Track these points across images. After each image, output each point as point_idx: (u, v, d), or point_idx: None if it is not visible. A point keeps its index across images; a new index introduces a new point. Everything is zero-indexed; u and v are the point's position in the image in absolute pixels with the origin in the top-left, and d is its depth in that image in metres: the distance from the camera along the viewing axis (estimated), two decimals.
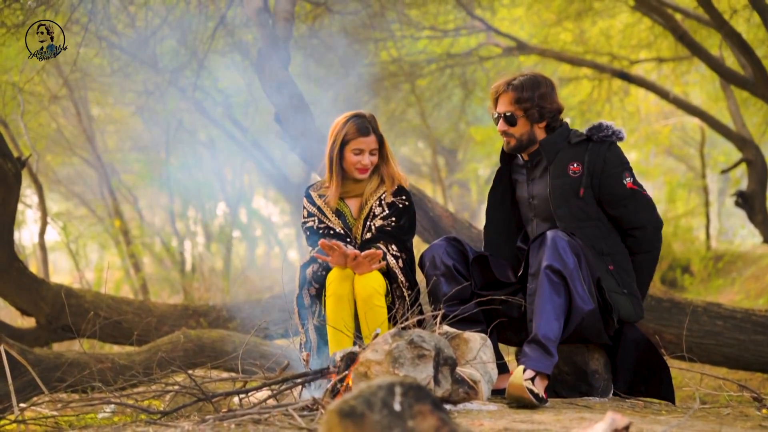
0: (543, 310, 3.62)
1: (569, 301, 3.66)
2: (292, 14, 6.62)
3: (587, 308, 3.67)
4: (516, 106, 4.09)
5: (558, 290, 3.64)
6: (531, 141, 4.14)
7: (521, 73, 4.16)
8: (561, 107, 4.13)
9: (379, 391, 2.28)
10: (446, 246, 4.08)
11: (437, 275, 4.02)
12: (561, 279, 3.64)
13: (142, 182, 14.28)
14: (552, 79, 4.19)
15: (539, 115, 4.08)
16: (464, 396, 3.42)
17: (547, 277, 3.64)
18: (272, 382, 3.71)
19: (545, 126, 4.12)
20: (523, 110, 4.08)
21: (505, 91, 4.13)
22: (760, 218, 9.70)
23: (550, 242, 3.69)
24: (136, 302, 7.28)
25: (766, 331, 6.03)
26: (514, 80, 4.12)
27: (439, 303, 3.95)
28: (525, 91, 4.06)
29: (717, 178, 18.22)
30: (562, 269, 3.63)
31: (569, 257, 3.67)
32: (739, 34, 8.58)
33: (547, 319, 3.62)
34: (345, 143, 4.17)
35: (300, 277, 4.12)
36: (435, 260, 4.04)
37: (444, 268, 4.02)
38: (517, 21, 12.27)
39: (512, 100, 4.09)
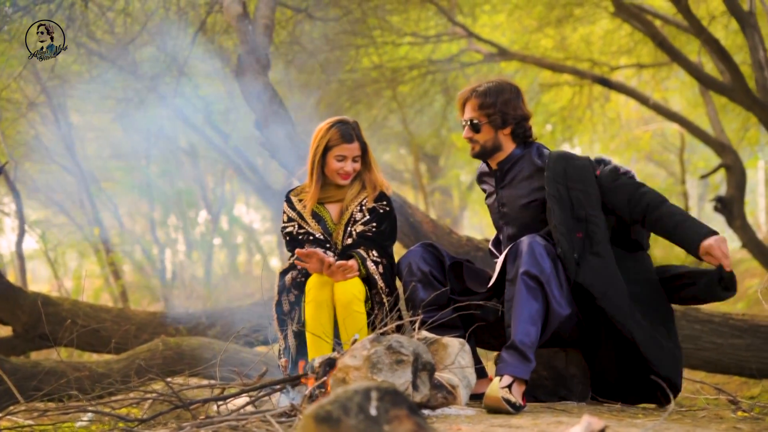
0: (520, 316, 3.63)
1: (546, 306, 3.66)
2: (273, 20, 6.62)
3: (564, 313, 3.68)
4: (479, 112, 4.10)
5: (535, 295, 3.64)
6: (495, 147, 4.15)
7: (487, 80, 4.17)
8: (526, 114, 4.13)
9: (355, 396, 2.28)
10: (422, 252, 4.09)
11: (414, 281, 4.02)
12: (538, 284, 3.65)
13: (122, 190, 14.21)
14: (520, 86, 4.21)
15: (502, 121, 4.08)
16: (443, 401, 3.42)
17: (524, 282, 3.64)
18: (250, 389, 3.69)
19: (510, 132, 4.12)
20: (487, 116, 4.09)
21: (470, 97, 4.14)
22: (738, 223, 9.76)
23: (527, 248, 3.70)
24: (114, 310, 7.24)
25: (743, 335, 6.06)
26: (479, 87, 4.14)
27: (417, 309, 3.95)
28: (488, 97, 4.07)
29: (697, 184, 18.34)
30: (539, 275, 3.64)
31: (546, 262, 3.68)
32: (718, 41, 8.65)
33: (524, 324, 3.62)
34: (328, 149, 4.16)
35: (279, 283, 4.11)
36: (411, 266, 4.05)
37: (420, 274, 4.02)
38: (498, 27, 12.31)
39: (476, 106, 4.11)
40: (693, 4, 9.89)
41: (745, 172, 10.27)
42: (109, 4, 7.36)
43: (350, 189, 4.25)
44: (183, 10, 7.89)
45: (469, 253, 6.22)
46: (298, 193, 4.33)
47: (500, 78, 4.20)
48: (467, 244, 6.49)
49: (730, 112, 12.31)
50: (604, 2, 10.35)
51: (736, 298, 11.83)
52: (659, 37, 8.96)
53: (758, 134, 12.94)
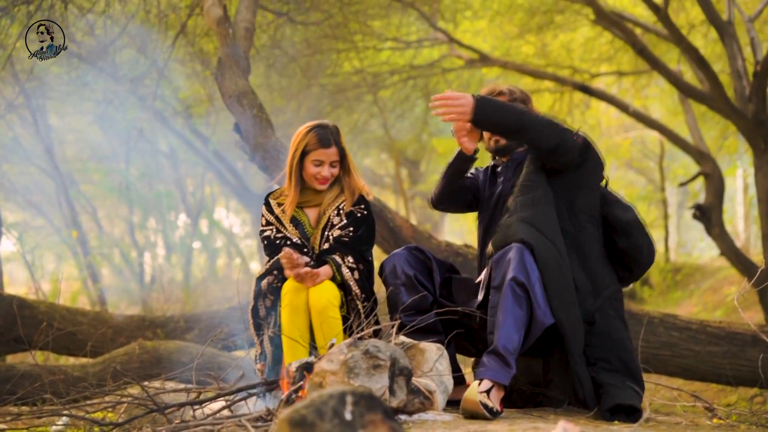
0: (504, 322, 3.62)
1: (530, 314, 3.66)
2: (253, 24, 6.61)
3: (548, 322, 3.67)
4: None
5: (520, 303, 3.64)
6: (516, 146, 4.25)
7: (497, 84, 4.30)
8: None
9: (330, 400, 2.27)
10: (407, 255, 4.07)
11: (397, 284, 4.01)
12: (524, 292, 3.65)
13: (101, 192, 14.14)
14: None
15: None
16: (419, 406, 3.41)
17: (511, 289, 3.64)
18: (226, 393, 3.68)
19: None
20: None
21: (501, 95, 4.20)
22: (717, 231, 9.81)
23: (516, 255, 3.69)
24: (91, 313, 7.18)
25: (720, 342, 6.09)
26: (502, 88, 4.23)
27: (399, 312, 3.94)
28: (518, 97, 4.19)
29: (676, 191, 18.44)
30: (526, 282, 3.64)
31: (534, 270, 3.68)
32: (697, 49, 8.71)
33: (507, 330, 3.61)
34: (305, 154, 4.14)
35: (255, 288, 4.08)
36: (396, 269, 4.03)
37: (404, 277, 4.01)
38: (479, 33, 12.34)
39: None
40: (673, 13, 9.96)
41: (723, 180, 10.32)
42: (89, 6, 7.32)
43: (328, 193, 4.23)
44: (163, 13, 7.87)
45: (448, 258, 6.22)
46: (277, 197, 4.30)
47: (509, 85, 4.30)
48: (447, 249, 6.49)
49: (709, 120, 12.40)
50: (585, 10, 10.40)
51: (715, 305, 11.91)
52: (639, 45, 9.01)
53: (737, 142, 13.04)
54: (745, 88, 8.69)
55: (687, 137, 11.69)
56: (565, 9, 10.93)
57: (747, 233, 15.20)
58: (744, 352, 6.01)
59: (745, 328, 6.06)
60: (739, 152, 13.75)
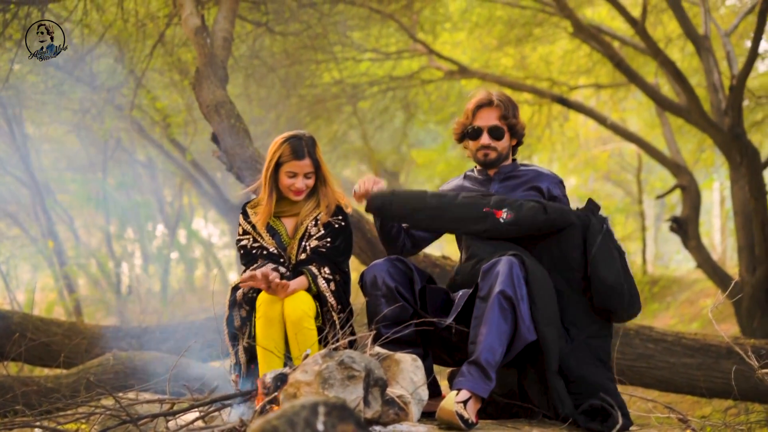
0: (488, 334, 3.61)
1: (515, 328, 3.65)
2: (231, 34, 6.59)
3: (531, 338, 3.66)
4: (503, 121, 4.21)
5: (506, 317, 3.63)
6: (506, 156, 4.28)
7: (487, 91, 4.30)
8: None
9: (302, 411, 2.25)
10: (389, 266, 4.02)
11: (377, 296, 3.97)
12: (510, 306, 3.63)
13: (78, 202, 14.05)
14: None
15: (516, 133, 4.25)
16: (394, 417, 3.39)
17: (498, 302, 3.63)
18: (200, 404, 3.64)
19: (515, 144, 4.30)
20: (508, 126, 4.21)
21: (492, 105, 4.22)
22: (693, 243, 9.87)
23: (506, 268, 3.68)
24: (66, 324, 7.11)
25: (695, 354, 6.12)
26: (497, 96, 4.24)
27: (379, 324, 3.91)
28: (509, 109, 4.20)
29: (653, 204, 18.56)
30: (513, 296, 3.63)
31: (522, 285, 3.68)
32: (674, 63, 8.78)
33: (491, 343, 3.60)
34: (279, 165, 4.12)
35: (230, 299, 4.05)
36: (376, 281, 3.99)
37: (385, 289, 3.96)
38: (458, 45, 12.39)
39: (499, 115, 4.21)
40: (650, 27, 10.05)
41: (699, 193, 10.41)
42: (66, 15, 7.28)
43: (306, 203, 4.21)
44: (141, 22, 7.83)
45: (426, 269, 6.21)
46: (254, 206, 4.28)
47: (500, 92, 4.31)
48: (424, 261, 6.49)
49: (686, 134, 12.50)
50: (563, 23, 10.47)
51: (692, 317, 11.97)
52: (617, 58, 9.07)
53: (713, 156, 13.15)
54: (722, 102, 8.77)
55: (664, 150, 11.78)
56: (544, 22, 11.00)
57: (724, 246, 15.31)
58: (718, 364, 6.04)
59: (719, 340, 6.09)
60: (716, 165, 13.88)
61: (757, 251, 8.48)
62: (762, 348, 5.51)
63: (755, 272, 8.49)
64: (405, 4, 9.84)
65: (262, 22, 8.62)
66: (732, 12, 11.45)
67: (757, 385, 5.18)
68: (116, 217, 14.39)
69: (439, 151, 15.53)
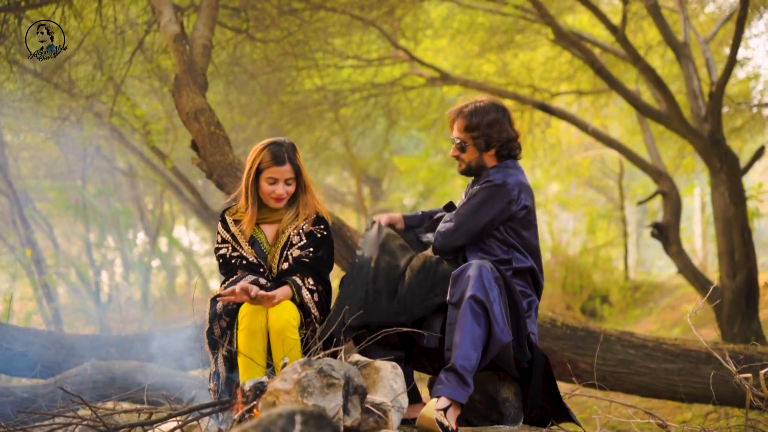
0: (463, 340, 3.61)
1: (489, 331, 3.64)
2: (211, 41, 6.57)
3: (506, 340, 3.66)
4: (465, 133, 4.19)
5: (479, 321, 3.63)
6: (480, 167, 4.23)
7: (477, 100, 4.24)
8: (512, 135, 4.20)
9: (278, 420, 2.23)
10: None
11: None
12: (483, 309, 3.64)
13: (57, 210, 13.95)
14: (506, 106, 4.27)
15: (486, 144, 4.16)
16: (374, 425, 3.38)
17: (470, 307, 3.63)
18: (178, 413, 3.61)
19: (495, 153, 4.20)
20: (472, 138, 4.17)
21: (457, 117, 4.23)
22: (674, 249, 9.90)
23: (475, 273, 3.68)
24: (43, 333, 7.04)
25: (675, 359, 6.13)
26: (466, 107, 4.22)
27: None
28: (474, 119, 4.16)
29: (635, 210, 18.63)
30: (485, 300, 3.63)
31: (493, 288, 3.67)
32: (654, 70, 8.82)
33: (465, 349, 3.60)
34: (260, 171, 4.09)
35: (210, 311, 4.01)
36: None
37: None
38: (440, 52, 12.40)
39: (462, 127, 4.20)
40: (630, 34, 10.09)
41: (680, 199, 10.45)
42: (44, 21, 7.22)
43: (287, 211, 4.18)
44: (120, 29, 7.78)
45: None
46: (233, 213, 4.24)
47: (491, 98, 4.27)
48: None
49: (667, 140, 12.56)
50: (545, 30, 10.49)
51: (673, 323, 12.01)
52: (598, 64, 9.10)
53: (694, 162, 13.21)
54: (701, 108, 8.81)
55: (645, 156, 11.82)
56: (525, 28, 11.02)
57: (705, 251, 15.39)
58: (698, 369, 6.05)
59: (699, 345, 6.11)
60: (697, 171, 13.95)
61: (737, 257, 8.52)
62: (740, 353, 5.53)
63: (735, 277, 8.52)
64: (386, 11, 9.83)
65: (242, 29, 8.59)
66: (711, 19, 11.52)
67: (736, 390, 5.19)
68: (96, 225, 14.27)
69: (421, 157, 15.53)
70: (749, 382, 3.86)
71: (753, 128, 11.67)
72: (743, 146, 12.87)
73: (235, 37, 8.90)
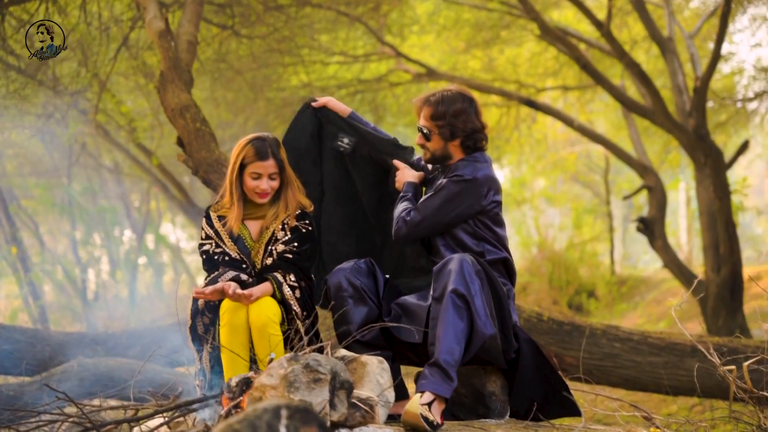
0: (445, 334, 3.61)
1: (471, 325, 3.65)
2: (196, 37, 6.55)
3: (489, 333, 3.67)
4: (431, 122, 4.14)
5: (461, 315, 3.63)
6: (445, 156, 4.18)
7: (445, 89, 4.20)
8: (477, 126, 4.14)
9: (264, 415, 2.24)
10: (352, 267, 4.03)
11: (344, 296, 3.96)
12: (464, 303, 3.64)
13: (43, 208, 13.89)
14: (474, 97, 4.21)
15: (451, 134, 4.11)
16: (360, 420, 3.38)
17: (452, 301, 3.63)
18: (164, 410, 3.61)
19: (459, 144, 4.14)
20: (437, 127, 4.12)
21: (423, 106, 4.18)
22: (660, 243, 9.95)
23: (457, 266, 3.69)
24: (29, 331, 7.02)
25: (661, 353, 6.17)
26: (433, 96, 4.17)
27: (349, 326, 3.91)
28: (440, 108, 4.10)
29: (621, 205, 18.70)
30: (466, 294, 3.63)
31: (474, 281, 3.68)
32: (639, 65, 8.85)
33: (448, 343, 3.60)
34: (243, 166, 4.09)
35: (192, 307, 4.01)
36: (341, 283, 3.98)
37: (351, 289, 3.97)
38: (426, 48, 12.41)
39: (428, 115, 4.15)
40: (615, 29, 10.13)
41: (665, 193, 10.50)
42: (27, 18, 7.19)
43: (272, 207, 4.17)
44: (105, 25, 7.75)
45: None
46: (218, 209, 4.23)
47: (458, 88, 4.21)
48: None
49: (653, 135, 12.61)
50: (530, 25, 10.52)
51: (659, 317, 12.07)
52: (583, 60, 9.13)
53: (679, 156, 13.28)
54: (686, 103, 8.86)
55: (631, 151, 11.87)
56: (511, 24, 11.05)
57: (690, 245, 15.45)
58: (683, 362, 6.09)
59: (684, 339, 6.15)
60: (682, 166, 14.01)
61: (722, 250, 8.57)
62: (724, 346, 5.56)
63: (720, 271, 8.58)
64: (372, 7, 9.83)
65: (227, 26, 8.58)
66: (695, 14, 11.57)
67: (720, 382, 5.23)
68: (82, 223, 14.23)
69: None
70: (733, 375, 3.89)
71: (737, 123, 11.75)
72: (728, 141, 12.95)
73: (220, 33, 8.88)
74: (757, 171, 17.20)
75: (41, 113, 8.72)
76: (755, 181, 15.14)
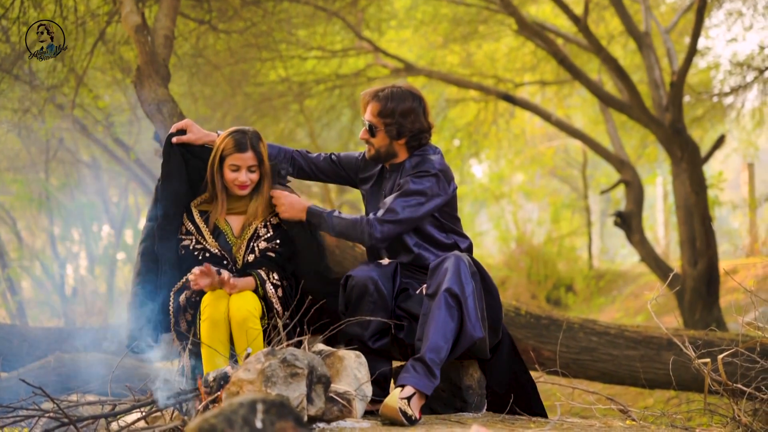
0: (435, 332, 3.62)
1: (461, 326, 3.66)
2: (173, 32, 6.51)
3: (477, 336, 3.68)
4: (378, 118, 4.05)
5: (452, 314, 3.64)
6: (390, 154, 4.12)
7: (395, 85, 4.11)
8: (425, 126, 4.07)
9: (240, 409, 2.24)
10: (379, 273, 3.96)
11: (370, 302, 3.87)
12: (457, 304, 3.64)
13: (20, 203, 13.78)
14: (423, 96, 4.14)
15: (398, 133, 4.03)
16: (338, 414, 3.40)
17: (445, 299, 3.63)
18: (141, 405, 3.61)
19: (405, 143, 4.08)
20: (384, 124, 4.04)
21: (371, 100, 4.08)
22: (637, 238, 10.02)
23: (453, 266, 3.69)
24: (7, 326, 6.99)
25: (637, 346, 6.22)
26: (382, 91, 4.07)
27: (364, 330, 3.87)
28: (389, 104, 4.01)
29: (599, 199, 18.79)
30: (460, 294, 3.64)
31: (469, 283, 3.68)
32: (616, 60, 8.91)
33: (436, 341, 3.61)
34: (222, 159, 4.09)
35: (173, 304, 4.00)
36: (368, 287, 3.89)
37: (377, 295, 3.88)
38: (404, 43, 12.42)
39: (375, 111, 4.06)
40: (592, 24, 10.18)
41: (642, 188, 10.57)
42: (1, 12, 7.13)
43: (253, 202, 4.16)
44: (81, 20, 7.70)
45: None
46: (199, 204, 4.22)
47: (407, 86, 4.13)
48: None
49: (630, 130, 12.69)
50: (508, 20, 10.55)
51: (636, 311, 12.15)
52: (561, 55, 9.17)
53: (656, 151, 13.36)
54: (663, 98, 8.91)
55: (608, 146, 11.93)
56: (489, 19, 11.08)
57: (667, 240, 15.56)
58: (660, 355, 6.15)
59: (660, 332, 6.20)
60: (659, 160, 14.10)
61: (698, 245, 8.65)
62: (700, 339, 5.62)
63: (696, 265, 8.65)
64: (350, 2, 9.82)
65: (205, 20, 8.54)
66: (672, 9, 11.66)
67: (696, 375, 5.28)
68: (60, 218, 14.13)
69: None
70: (708, 367, 3.93)
71: (713, 117, 11.85)
72: (704, 135, 13.05)
73: (197, 28, 8.84)
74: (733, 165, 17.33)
75: (17, 108, 8.65)
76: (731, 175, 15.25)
